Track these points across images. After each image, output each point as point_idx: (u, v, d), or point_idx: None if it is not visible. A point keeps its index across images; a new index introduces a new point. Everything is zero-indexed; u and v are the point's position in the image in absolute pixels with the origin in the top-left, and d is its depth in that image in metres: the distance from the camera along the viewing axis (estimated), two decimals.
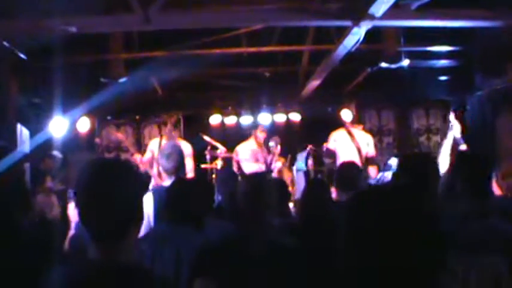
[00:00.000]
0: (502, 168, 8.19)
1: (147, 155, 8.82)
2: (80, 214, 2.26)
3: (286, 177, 10.29)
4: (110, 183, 2.23)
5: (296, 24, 8.74)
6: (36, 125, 10.02)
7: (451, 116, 7.63)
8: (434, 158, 4.64)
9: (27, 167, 8.49)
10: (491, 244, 3.00)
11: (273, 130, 12.05)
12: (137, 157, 8.29)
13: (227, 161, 10.60)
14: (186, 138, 12.12)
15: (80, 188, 2.26)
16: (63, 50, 8.18)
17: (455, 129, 7.79)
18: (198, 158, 10.39)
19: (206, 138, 10.65)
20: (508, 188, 6.61)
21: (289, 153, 11.01)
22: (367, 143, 9.48)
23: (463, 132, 7.33)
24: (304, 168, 10.45)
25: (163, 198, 4.47)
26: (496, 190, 6.21)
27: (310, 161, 11.07)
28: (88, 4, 7.27)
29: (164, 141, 8.65)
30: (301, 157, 10.77)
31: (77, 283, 2.16)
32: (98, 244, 2.19)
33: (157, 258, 3.97)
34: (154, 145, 8.98)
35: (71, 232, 5.73)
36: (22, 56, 8.79)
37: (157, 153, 7.94)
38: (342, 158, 9.03)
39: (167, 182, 5.55)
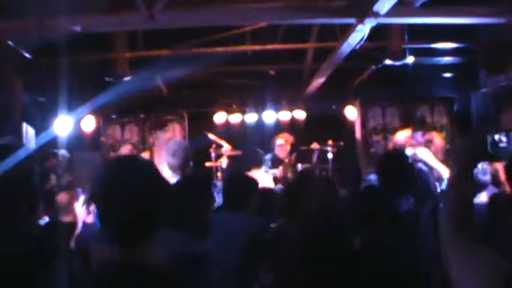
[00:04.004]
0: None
1: None
2: (100, 217, 2.21)
3: (290, 175, 10.28)
4: (129, 184, 2.16)
5: (300, 22, 8.74)
6: (41, 124, 10.03)
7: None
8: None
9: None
10: None
11: (278, 128, 12.07)
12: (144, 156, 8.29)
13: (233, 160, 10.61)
14: (190, 136, 12.19)
15: (98, 189, 2.21)
16: (67, 49, 8.19)
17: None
18: (203, 156, 10.42)
19: (211, 136, 10.66)
20: None
21: (293, 151, 11.00)
22: None
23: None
24: None
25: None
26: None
27: (314, 159, 11.09)
28: (93, 3, 7.28)
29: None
30: None
31: (99, 285, 2.14)
32: (117, 244, 2.16)
33: None
34: None
35: (77, 231, 5.75)
36: (27, 55, 8.81)
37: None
38: None
39: (173, 179, 5.56)
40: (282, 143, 10.49)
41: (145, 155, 8.36)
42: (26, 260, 2.85)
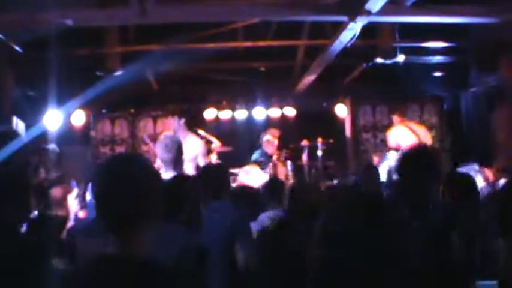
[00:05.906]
0: (496, 164, 8.27)
1: None
2: (97, 208, 2.32)
3: (281, 171, 10.29)
4: (123, 176, 2.29)
5: (292, 19, 8.76)
6: (31, 118, 10.01)
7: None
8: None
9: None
10: None
11: (268, 125, 12.06)
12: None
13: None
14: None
15: (96, 181, 2.33)
16: (58, 42, 8.17)
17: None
18: None
19: (201, 132, 10.64)
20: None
21: (281, 146, 11.01)
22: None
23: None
24: None
25: None
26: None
27: (304, 156, 11.09)
28: None
29: None
30: None
31: (92, 277, 2.19)
32: (112, 237, 2.24)
33: None
34: None
35: (70, 223, 5.74)
36: (18, 48, 8.78)
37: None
38: None
39: (166, 174, 5.53)
40: (269, 139, 10.52)
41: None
42: (11, 256, 2.85)
